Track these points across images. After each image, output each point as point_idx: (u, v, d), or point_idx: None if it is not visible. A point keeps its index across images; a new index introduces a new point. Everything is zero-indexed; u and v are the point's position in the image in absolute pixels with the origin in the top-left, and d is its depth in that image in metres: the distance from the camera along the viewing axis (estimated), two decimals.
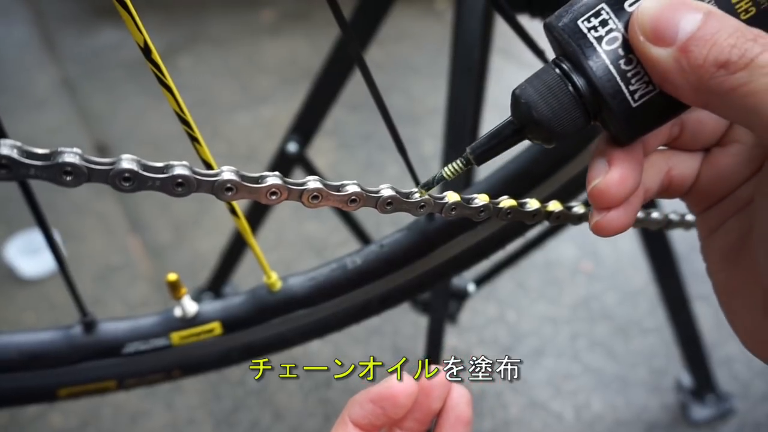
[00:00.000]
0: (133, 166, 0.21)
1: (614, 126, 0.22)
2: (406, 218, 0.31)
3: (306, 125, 0.81)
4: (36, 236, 1.25)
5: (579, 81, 0.22)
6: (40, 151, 0.20)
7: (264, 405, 1.00)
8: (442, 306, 0.73)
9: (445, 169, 0.26)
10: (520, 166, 0.41)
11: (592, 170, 0.23)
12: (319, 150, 1.58)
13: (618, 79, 0.21)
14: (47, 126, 1.66)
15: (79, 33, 2.21)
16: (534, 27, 0.47)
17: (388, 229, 1.29)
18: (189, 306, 0.40)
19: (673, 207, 0.35)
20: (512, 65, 2.07)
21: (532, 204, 0.29)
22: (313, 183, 0.24)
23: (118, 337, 0.40)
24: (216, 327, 0.41)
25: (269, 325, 0.42)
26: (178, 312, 0.40)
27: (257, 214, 0.92)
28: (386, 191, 0.26)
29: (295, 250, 1.29)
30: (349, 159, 1.60)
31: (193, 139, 0.29)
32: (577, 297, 1.21)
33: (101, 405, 0.98)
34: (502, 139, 0.24)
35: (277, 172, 0.23)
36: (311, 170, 0.84)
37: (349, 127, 1.71)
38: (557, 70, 0.22)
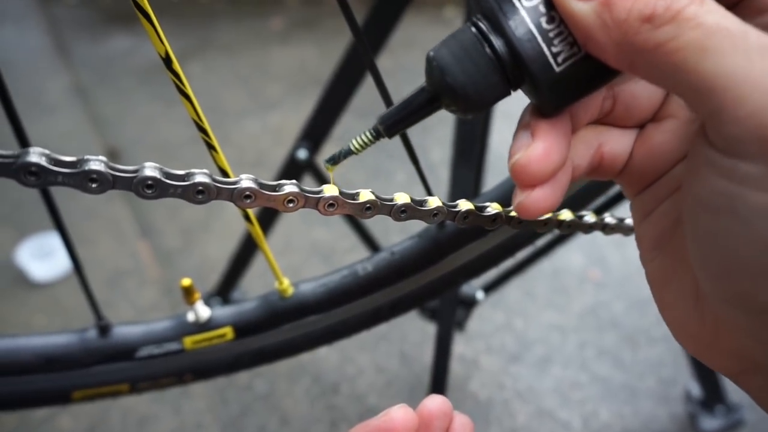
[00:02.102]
0: (156, 174, 0.21)
1: (537, 93, 0.20)
2: (413, 225, 0.31)
3: (316, 132, 0.82)
4: (47, 240, 1.26)
5: (497, 42, 0.19)
6: (67, 158, 0.20)
7: (271, 410, 1.00)
8: (450, 313, 0.73)
9: (353, 141, 0.23)
10: None
11: (514, 143, 0.21)
12: (327, 156, 1.59)
13: (539, 39, 0.19)
14: (59, 131, 1.68)
15: (91, 40, 2.24)
16: None
17: (396, 235, 1.30)
18: (202, 311, 0.41)
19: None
20: None
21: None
22: (329, 191, 0.25)
23: (131, 341, 0.40)
24: (228, 332, 0.41)
25: (280, 331, 0.43)
26: (191, 316, 0.41)
27: (267, 221, 0.93)
28: (401, 199, 0.26)
29: (303, 256, 1.30)
30: (357, 166, 1.61)
31: (210, 147, 0.30)
32: (585, 305, 1.21)
33: (110, 408, 0.99)
34: (414, 108, 0.22)
35: (294, 181, 0.24)
36: (321, 177, 0.85)
37: (355, 131, 1.71)
38: (474, 30, 0.20)
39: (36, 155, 0.19)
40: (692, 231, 0.19)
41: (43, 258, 1.23)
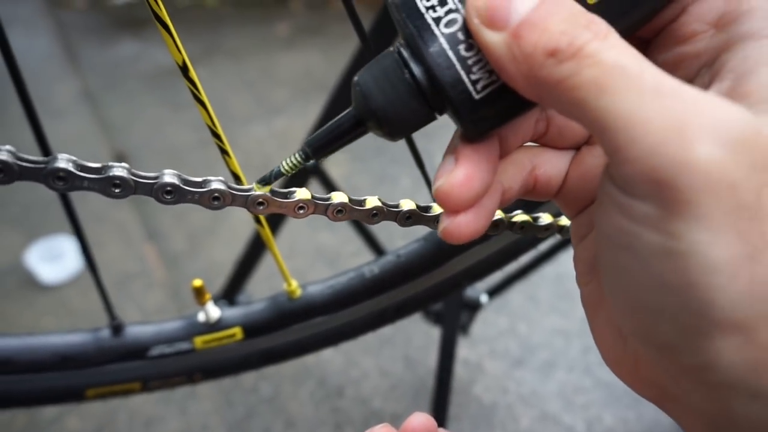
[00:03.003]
0: (175, 181, 0.22)
1: (458, 120, 0.20)
2: (418, 229, 0.32)
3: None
4: (56, 243, 1.28)
5: (416, 69, 0.19)
6: (92, 165, 0.21)
7: (276, 413, 1.01)
8: (454, 316, 0.74)
9: (283, 163, 0.23)
10: None
11: (439, 169, 0.21)
12: (334, 162, 1.61)
13: (458, 66, 0.18)
14: (68, 135, 1.70)
15: (99, 45, 2.27)
16: None
17: (400, 239, 1.30)
18: (212, 311, 0.42)
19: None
20: None
21: (545, 218, 0.30)
22: (337, 198, 0.26)
23: (144, 340, 0.41)
24: (237, 332, 0.42)
25: (288, 332, 0.44)
26: (201, 317, 0.42)
27: (274, 224, 0.94)
28: (406, 206, 0.27)
29: (308, 260, 1.31)
30: (362, 171, 1.62)
31: (224, 152, 0.31)
32: None
33: (117, 409, 1.00)
34: (342, 132, 0.22)
35: (304, 188, 0.25)
36: (327, 182, 0.86)
37: (363, 140, 1.71)
38: (396, 56, 0.20)
39: (64, 161, 0.21)
40: (601, 265, 0.20)
41: (51, 260, 1.24)
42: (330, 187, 0.86)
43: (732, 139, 0.15)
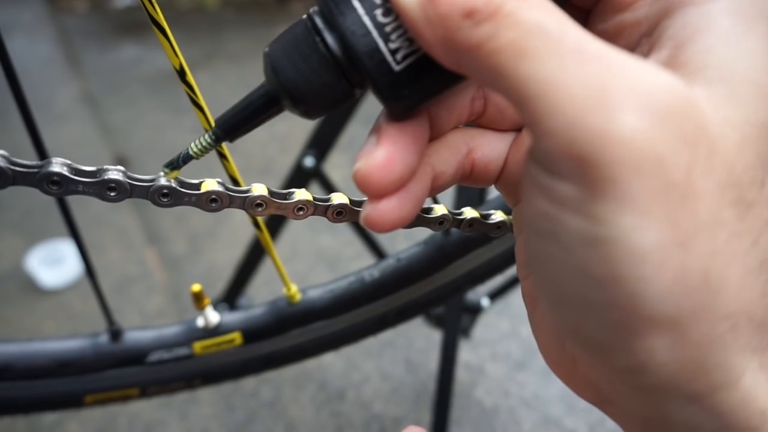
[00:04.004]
0: (171, 183, 0.22)
1: (378, 95, 0.18)
2: (419, 232, 0.32)
3: (322, 140, 0.83)
4: (56, 247, 1.28)
5: (329, 37, 0.17)
6: (87, 168, 0.21)
7: (277, 417, 1.01)
8: (456, 320, 0.73)
9: (192, 145, 0.21)
10: None
11: (361, 149, 0.19)
12: (333, 164, 1.60)
13: (375, 34, 0.16)
14: (69, 139, 1.70)
15: (101, 49, 2.27)
16: None
17: (401, 242, 1.30)
18: (211, 316, 0.41)
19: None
20: None
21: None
22: (337, 199, 0.26)
23: (142, 346, 0.41)
24: (236, 337, 0.42)
25: (288, 336, 0.43)
26: (200, 322, 0.42)
27: (274, 228, 0.93)
28: None
29: (309, 263, 1.30)
30: None
31: (222, 156, 0.31)
32: None
33: (117, 414, 0.99)
34: (254, 109, 0.19)
35: (303, 189, 0.24)
36: (327, 185, 0.85)
37: (362, 142, 1.73)
38: (309, 23, 0.17)
39: (58, 165, 0.20)
40: (528, 255, 0.18)
41: (52, 265, 1.24)
42: (330, 189, 0.86)
43: (660, 109, 0.14)
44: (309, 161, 0.83)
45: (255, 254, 0.99)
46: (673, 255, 0.14)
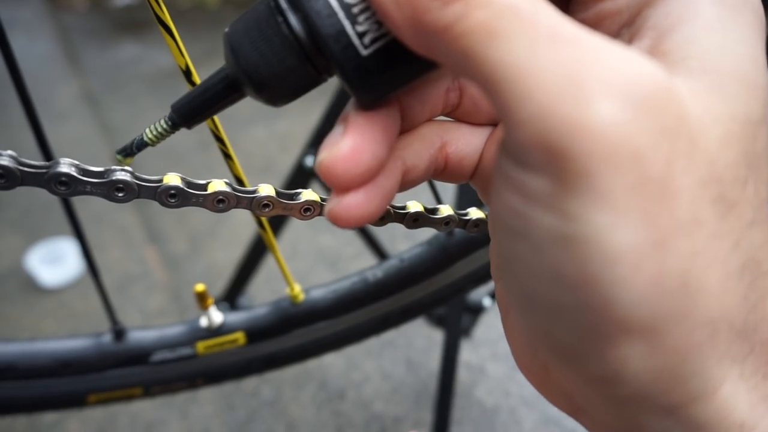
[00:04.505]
0: (179, 183, 0.22)
1: (345, 81, 0.16)
2: (419, 231, 0.31)
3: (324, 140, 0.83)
4: (56, 246, 1.27)
5: (292, 17, 0.16)
6: (95, 169, 0.21)
7: (277, 416, 1.01)
8: (457, 320, 0.73)
9: (147, 131, 0.20)
10: None
11: (326, 138, 0.17)
12: None
13: (341, 15, 0.15)
14: (69, 137, 1.70)
15: (101, 47, 2.27)
16: None
17: (401, 242, 1.30)
18: (215, 316, 0.41)
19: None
20: None
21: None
22: None
23: (146, 346, 0.41)
24: (240, 337, 0.42)
25: (291, 336, 0.44)
26: (203, 322, 0.42)
27: (275, 227, 0.93)
28: (413, 208, 0.27)
29: (309, 262, 1.30)
30: None
31: (227, 156, 0.31)
32: None
33: (118, 413, 0.99)
34: (213, 95, 0.18)
35: (310, 190, 0.24)
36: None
37: None
38: (272, 2, 0.16)
39: (66, 166, 0.20)
40: (499, 255, 0.17)
41: (52, 263, 1.24)
42: (331, 189, 0.86)
43: (638, 98, 0.13)
44: (310, 161, 0.83)
45: (256, 253, 0.99)
46: (650, 256, 0.13)
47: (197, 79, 0.28)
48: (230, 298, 1.06)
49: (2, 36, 0.27)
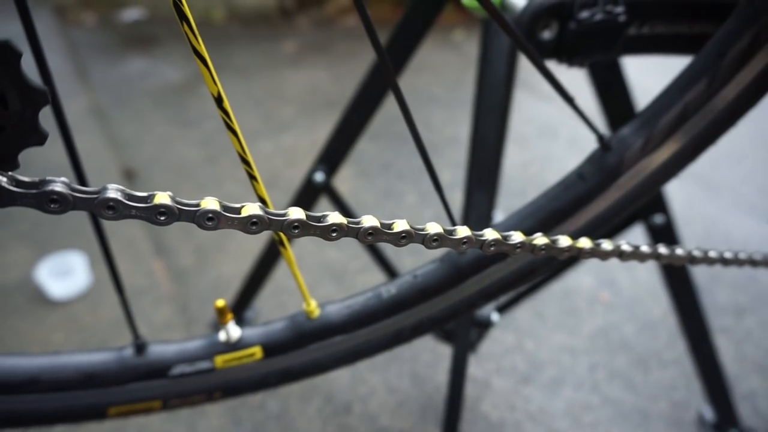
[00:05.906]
0: (216, 207, 0.23)
1: None
2: (422, 248, 0.32)
3: (333, 156, 0.84)
4: (65, 259, 1.29)
5: None
6: (139, 194, 0.22)
7: (284, 430, 1.01)
8: (466, 335, 0.74)
9: None
10: (545, 204, 0.43)
11: None
12: (339, 178, 1.62)
13: None
14: (78, 151, 1.72)
15: (109, 62, 2.30)
16: (560, 70, 0.49)
17: (407, 256, 1.31)
18: (233, 331, 0.42)
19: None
20: (532, 97, 2.11)
21: (564, 241, 0.31)
22: (368, 222, 0.27)
23: (166, 359, 0.42)
24: (257, 351, 0.43)
25: (306, 351, 0.45)
26: (222, 336, 0.43)
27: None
28: (433, 229, 0.28)
29: (315, 276, 1.31)
30: (368, 187, 1.63)
31: (252, 178, 0.32)
32: (596, 327, 1.21)
33: (125, 426, 1.00)
34: None
35: (336, 213, 0.26)
36: (337, 200, 0.87)
37: (369, 156, 1.75)
38: None
39: (113, 191, 0.22)
40: None
41: (61, 276, 1.25)
42: (340, 205, 0.87)
43: None
44: (319, 176, 0.85)
45: (263, 267, 1.00)
46: None
47: (228, 106, 0.29)
48: (237, 312, 1.07)
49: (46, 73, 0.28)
